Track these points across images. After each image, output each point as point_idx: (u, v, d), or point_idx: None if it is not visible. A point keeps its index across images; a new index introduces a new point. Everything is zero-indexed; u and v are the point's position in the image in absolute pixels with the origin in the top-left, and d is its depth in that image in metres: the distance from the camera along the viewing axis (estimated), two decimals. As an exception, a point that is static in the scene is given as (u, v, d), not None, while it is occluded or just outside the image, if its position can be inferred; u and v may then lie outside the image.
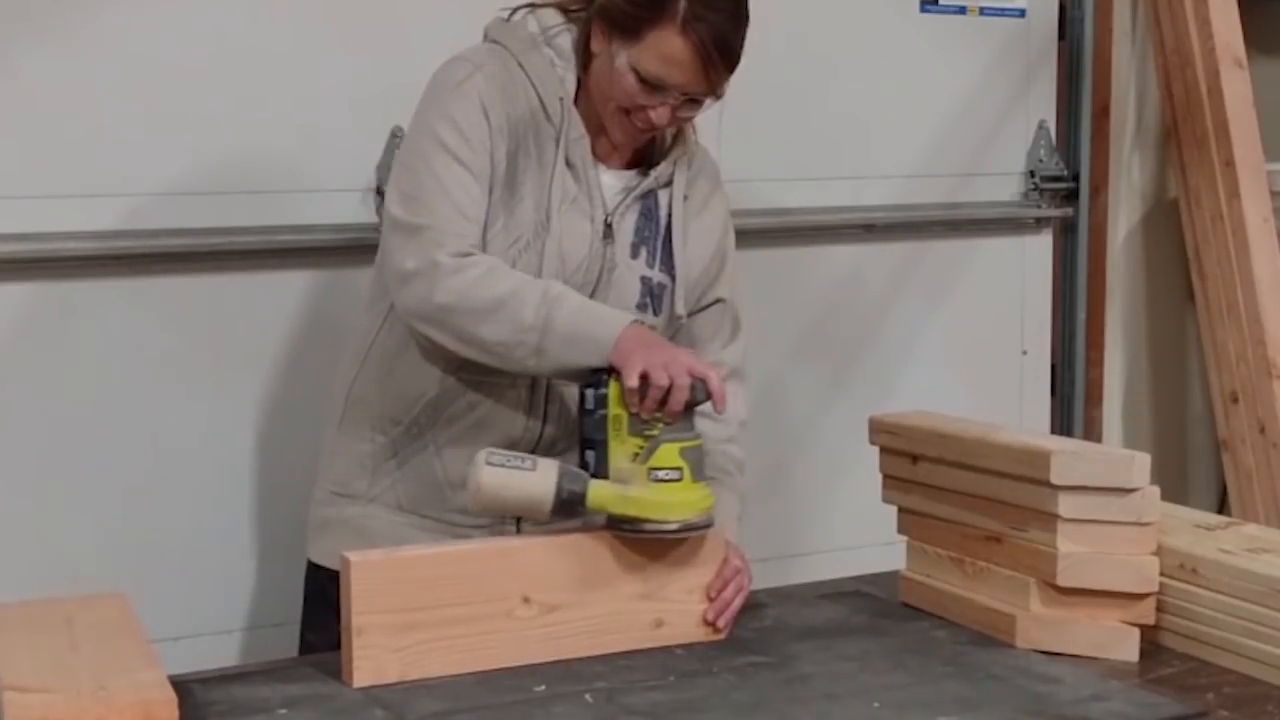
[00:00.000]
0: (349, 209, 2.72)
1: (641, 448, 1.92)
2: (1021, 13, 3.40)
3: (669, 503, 1.92)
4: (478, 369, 2.10)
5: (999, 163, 3.43)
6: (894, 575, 2.24)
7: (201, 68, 2.59)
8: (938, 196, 3.35)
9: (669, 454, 1.91)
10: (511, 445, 2.11)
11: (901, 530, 2.23)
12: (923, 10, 3.29)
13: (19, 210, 2.49)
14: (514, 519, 2.15)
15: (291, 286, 2.71)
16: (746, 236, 3.05)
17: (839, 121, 3.21)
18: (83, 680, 1.64)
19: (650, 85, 2.04)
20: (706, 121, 2.21)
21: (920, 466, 2.17)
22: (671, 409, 1.91)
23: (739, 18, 2.06)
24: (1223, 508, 3.56)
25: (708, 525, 1.97)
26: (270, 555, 2.69)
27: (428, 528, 2.16)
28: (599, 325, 1.98)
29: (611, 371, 1.94)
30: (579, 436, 1.98)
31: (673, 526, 1.93)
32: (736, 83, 2.06)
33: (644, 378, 1.90)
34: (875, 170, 3.26)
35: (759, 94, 3.06)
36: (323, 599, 2.25)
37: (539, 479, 1.91)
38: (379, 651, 1.85)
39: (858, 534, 2.90)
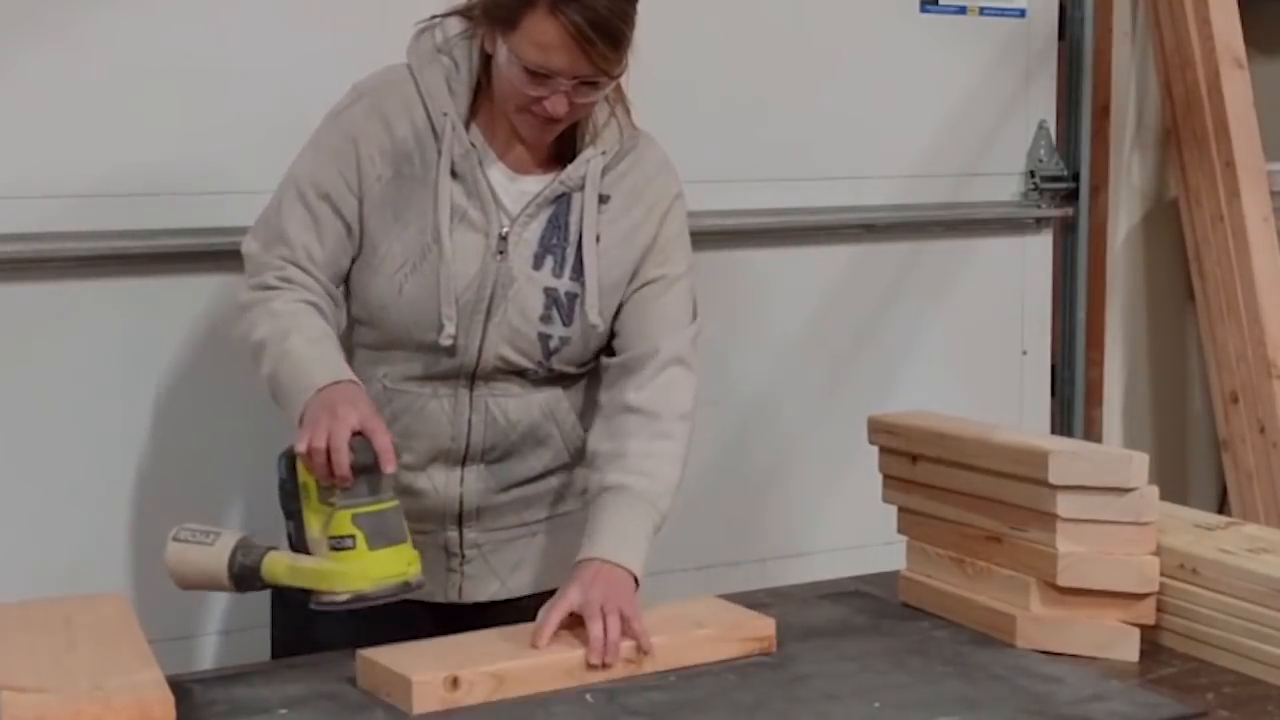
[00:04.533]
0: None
1: (329, 516, 1.84)
2: (1021, 13, 3.39)
3: (338, 572, 1.82)
4: (400, 380, 2.11)
5: (999, 163, 3.42)
6: (894, 575, 2.23)
7: (199, 68, 2.59)
8: (938, 196, 3.34)
9: (342, 521, 1.82)
10: (441, 455, 2.11)
11: (901, 530, 2.23)
12: (923, 10, 3.28)
13: (18, 210, 2.49)
14: (455, 525, 2.15)
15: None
16: (746, 237, 3.06)
17: (839, 121, 3.20)
18: (79, 680, 1.64)
19: (536, 75, 1.97)
20: (706, 118, 2.19)
21: (920, 466, 2.16)
22: (337, 474, 1.82)
23: None
24: (1223, 508, 3.55)
25: (396, 593, 1.83)
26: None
27: None
28: (299, 386, 1.93)
29: None
30: (281, 506, 1.90)
31: (342, 598, 1.81)
32: (737, 82, 2.04)
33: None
34: (875, 170, 3.26)
35: (759, 93, 3.09)
36: (281, 597, 2.27)
37: (214, 553, 1.88)
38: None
39: (858, 534, 2.90)
